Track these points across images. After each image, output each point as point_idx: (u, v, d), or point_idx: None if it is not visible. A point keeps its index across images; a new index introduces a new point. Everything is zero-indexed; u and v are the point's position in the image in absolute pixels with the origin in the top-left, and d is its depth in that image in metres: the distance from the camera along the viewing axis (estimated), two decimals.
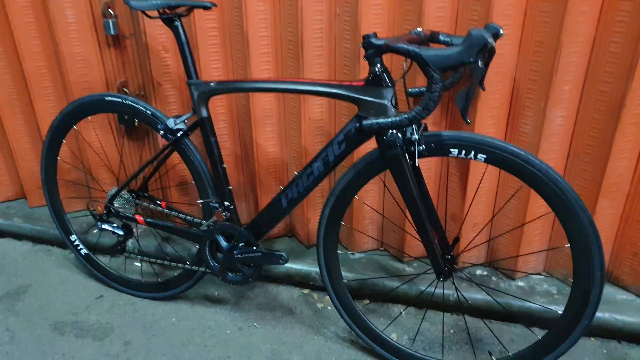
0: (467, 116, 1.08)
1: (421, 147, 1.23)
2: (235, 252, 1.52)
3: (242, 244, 1.53)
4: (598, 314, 1.50)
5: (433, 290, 1.67)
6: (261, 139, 1.77)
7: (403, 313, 1.72)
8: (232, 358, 1.55)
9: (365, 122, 1.06)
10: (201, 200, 1.55)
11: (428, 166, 1.66)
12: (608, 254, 1.62)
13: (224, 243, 1.54)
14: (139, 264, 2.00)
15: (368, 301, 1.78)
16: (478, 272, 1.75)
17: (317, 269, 1.80)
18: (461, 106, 1.07)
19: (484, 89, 1.41)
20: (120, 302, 1.81)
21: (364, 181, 1.36)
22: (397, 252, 1.82)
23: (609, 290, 1.62)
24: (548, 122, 1.43)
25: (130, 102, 1.57)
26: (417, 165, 1.24)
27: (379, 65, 1.20)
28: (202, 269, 1.64)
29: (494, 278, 1.71)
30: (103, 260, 1.89)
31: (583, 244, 1.16)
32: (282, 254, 1.47)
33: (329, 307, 1.76)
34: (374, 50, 1.17)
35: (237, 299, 1.82)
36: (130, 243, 1.97)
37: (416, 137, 1.21)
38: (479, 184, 1.59)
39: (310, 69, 1.60)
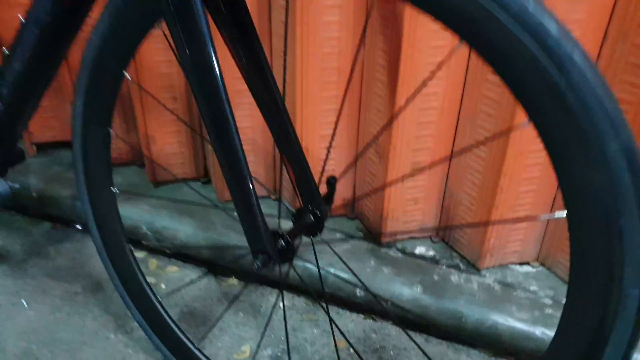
0: None
1: None
2: None
3: None
4: None
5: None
6: None
7: (279, 311, 1.00)
8: None
9: None
10: None
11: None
12: None
13: None
14: None
15: (236, 281, 1.07)
16: (418, 249, 1.00)
17: (159, 220, 1.09)
18: None
19: None
20: None
21: (134, 35, 0.61)
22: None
23: None
24: None
25: None
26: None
27: None
28: None
29: (443, 263, 0.96)
30: None
31: (595, 234, 0.41)
32: None
33: (163, 285, 1.06)
34: None
35: (28, 255, 1.12)
36: None
37: None
38: None
39: None
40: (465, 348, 0.91)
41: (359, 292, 0.92)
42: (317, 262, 0.91)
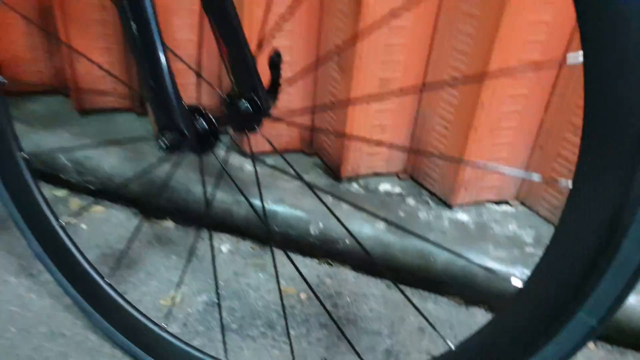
0: None
1: None
2: None
3: None
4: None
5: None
6: None
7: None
8: None
9: None
10: None
11: None
12: None
13: None
14: None
15: (172, 223, 0.92)
16: (383, 186, 0.88)
17: (81, 150, 0.92)
18: None
19: None
20: None
21: None
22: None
23: None
24: None
25: None
26: None
27: None
28: None
29: (410, 201, 0.84)
30: None
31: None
32: None
33: (83, 226, 0.89)
34: None
35: None
36: None
37: None
38: None
39: None
40: (432, 295, 0.79)
41: (313, 230, 0.78)
42: (256, 169, 0.76)
